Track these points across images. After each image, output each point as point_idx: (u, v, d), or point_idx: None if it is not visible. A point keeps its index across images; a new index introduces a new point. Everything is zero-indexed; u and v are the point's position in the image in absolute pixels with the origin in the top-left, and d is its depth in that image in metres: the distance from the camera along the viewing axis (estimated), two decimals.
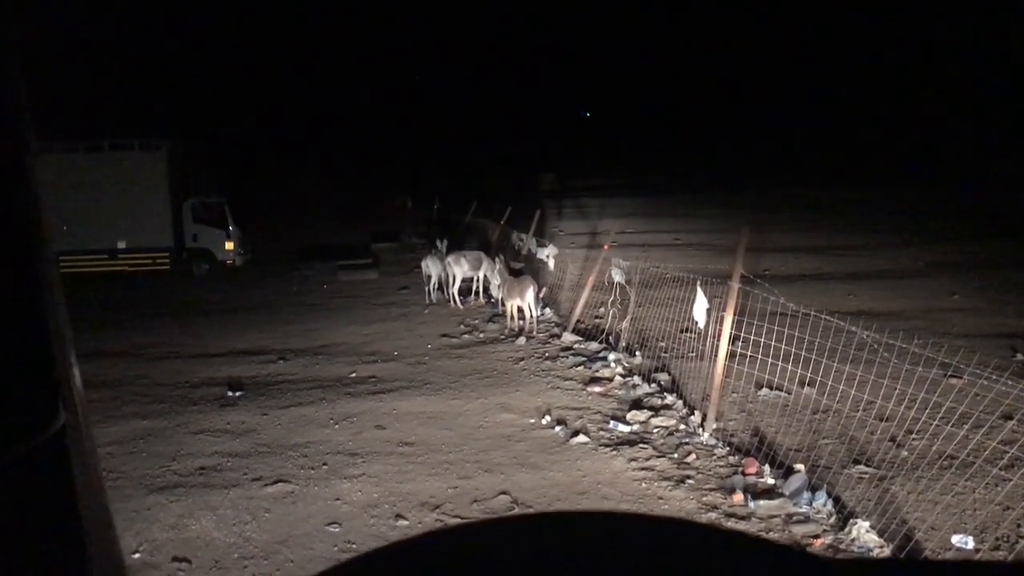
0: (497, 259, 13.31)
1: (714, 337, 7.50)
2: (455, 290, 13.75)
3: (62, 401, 0.66)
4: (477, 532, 0.85)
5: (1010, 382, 5.07)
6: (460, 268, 13.72)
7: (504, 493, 6.14)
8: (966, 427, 5.43)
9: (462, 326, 12.20)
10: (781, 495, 5.85)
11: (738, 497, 5.86)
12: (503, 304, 12.01)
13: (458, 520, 5.67)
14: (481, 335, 11.60)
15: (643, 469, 6.52)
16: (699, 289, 7.98)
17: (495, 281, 13.16)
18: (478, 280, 14.03)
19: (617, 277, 10.51)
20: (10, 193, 0.65)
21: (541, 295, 12.71)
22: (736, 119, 74.58)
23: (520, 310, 11.56)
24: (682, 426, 7.43)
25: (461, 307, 13.59)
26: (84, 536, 0.67)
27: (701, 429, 7.21)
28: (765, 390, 7.94)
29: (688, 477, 6.33)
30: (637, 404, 8.08)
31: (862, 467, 6.23)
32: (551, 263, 13.80)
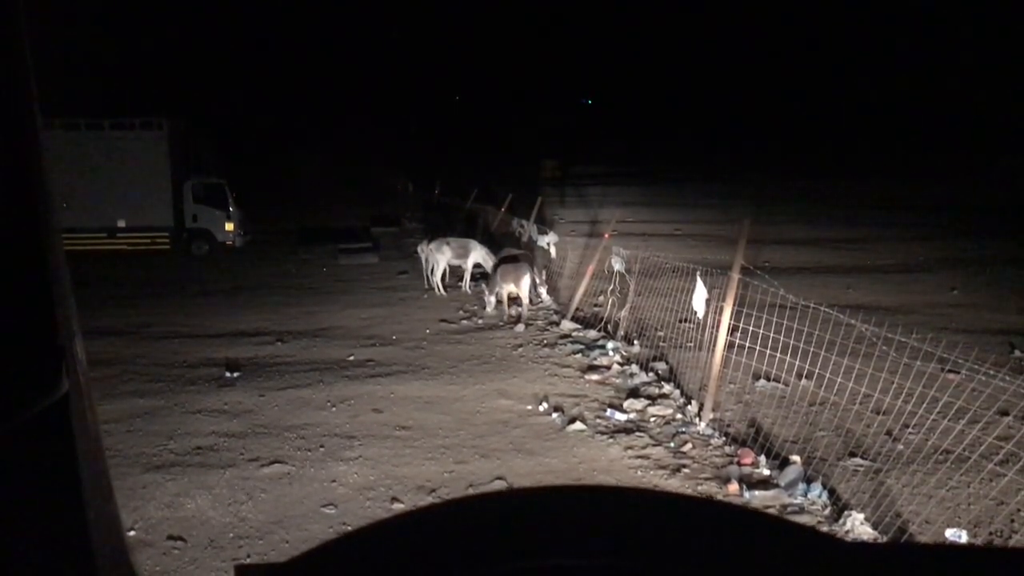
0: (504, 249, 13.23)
1: (713, 327, 7.50)
2: (437, 278, 13.67)
3: (65, 369, 0.66)
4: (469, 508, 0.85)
5: (1007, 378, 5.08)
6: (443, 255, 13.63)
7: (500, 478, 6.16)
8: (962, 422, 5.44)
9: (461, 312, 12.20)
10: (776, 486, 5.87)
11: (733, 487, 5.88)
12: (491, 292, 11.94)
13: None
14: (480, 321, 11.60)
15: (639, 457, 6.54)
16: (699, 279, 7.98)
17: (488, 268, 13.12)
18: (466, 268, 13.89)
19: (617, 266, 10.50)
20: (19, 164, 0.65)
21: (542, 281, 12.69)
22: (739, 110, 74.38)
23: (515, 297, 11.54)
24: (679, 415, 7.44)
25: (445, 294, 13.53)
26: (85, 503, 0.67)
27: (698, 419, 7.23)
28: (763, 381, 7.96)
29: (684, 466, 6.34)
30: (634, 393, 8.09)
31: (858, 460, 6.25)
32: (552, 250, 13.79)
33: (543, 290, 12.65)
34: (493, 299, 11.84)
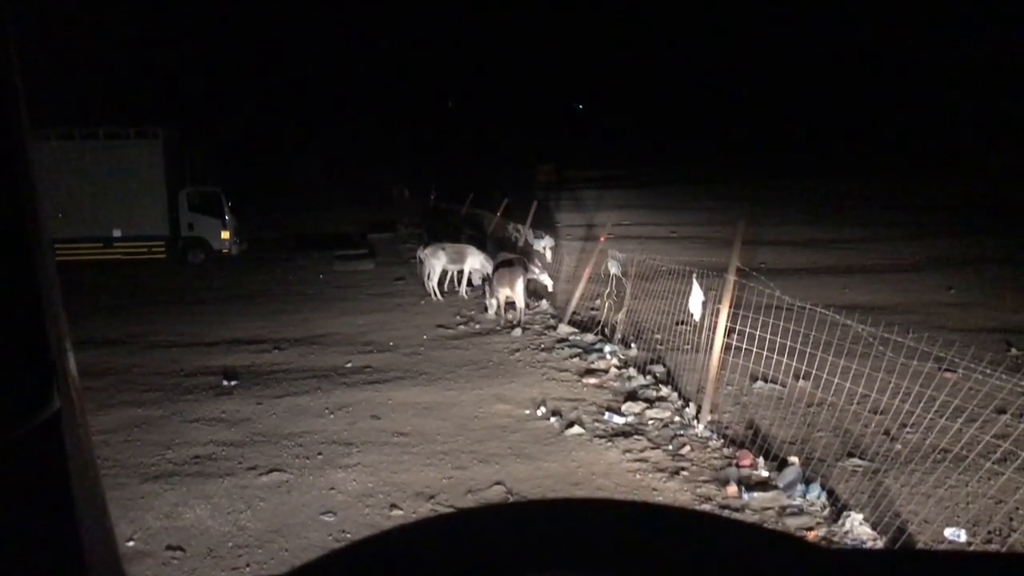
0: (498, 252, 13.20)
1: (709, 330, 7.51)
2: (434, 283, 13.66)
3: (56, 386, 0.66)
4: (470, 519, 0.85)
5: (1004, 376, 5.08)
6: (438, 261, 13.63)
7: (499, 484, 6.15)
8: (960, 421, 5.44)
9: (458, 317, 12.19)
10: (775, 487, 5.87)
11: (732, 489, 5.88)
12: (491, 295, 11.96)
13: (452, 510, 5.68)
14: (477, 326, 11.60)
15: (638, 460, 6.53)
16: (695, 282, 7.98)
17: (488, 273, 13.11)
18: (463, 273, 13.88)
19: (613, 269, 10.51)
20: (7, 178, 0.65)
21: (542, 269, 12.66)
22: (734, 112, 74.50)
23: (511, 301, 11.55)
24: (677, 418, 7.44)
25: (441, 299, 13.52)
26: (78, 523, 0.66)
27: (696, 421, 7.23)
28: (760, 383, 7.96)
29: (682, 469, 6.34)
30: (632, 396, 8.09)
31: (856, 460, 6.25)
32: (548, 255, 13.78)
33: (548, 282, 12.55)
34: (494, 302, 11.86)
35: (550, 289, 12.71)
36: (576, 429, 7.19)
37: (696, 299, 7.90)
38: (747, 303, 7.28)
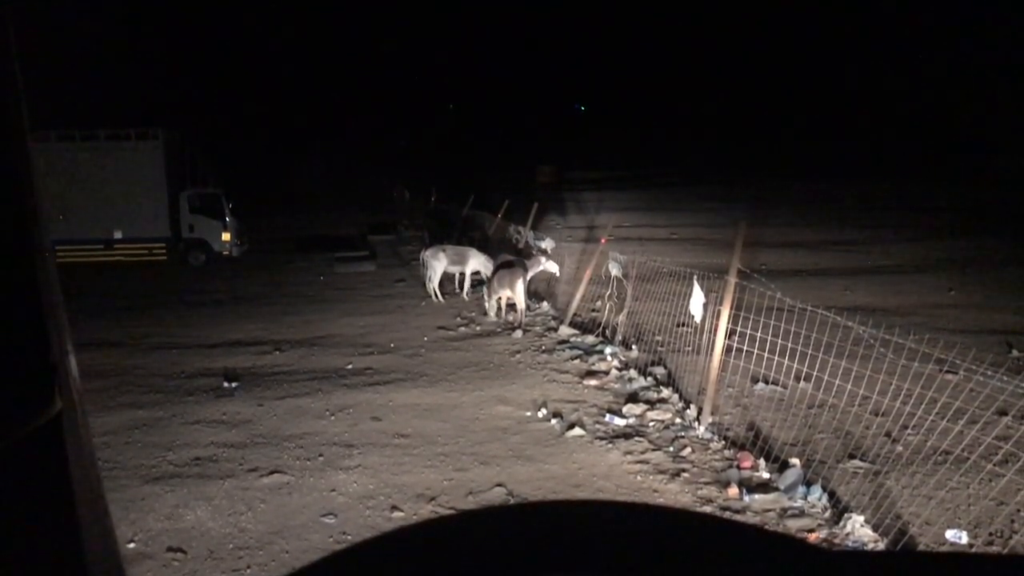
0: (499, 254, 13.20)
1: (710, 331, 7.50)
2: (434, 285, 13.66)
3: (58, 388, 0.66)
4: (472, 521, 0.85)
5: (1005, 378, 5.08)
6: (439, 262, 13.62)
7: (500, 485, 6.15)
8: (961, 423, 5.44)
9: (459, 318, 12.19)
10: (776, 489, 5.86)
11: (733, 491, 5.88)
12: (489, 297, 11.97)
13: (453, 511, 5.67)
14: (478, 328, 11.60)
15: (639, 462, 6.53)
16: (696, 283, 7.98)
17: (487, 275, 13.12)
18: (464, 274, 13.87)
19: (614, 271, 10.50)
20: (7, 181, 0.65)
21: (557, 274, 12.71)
22: (734, 113, 74.53)
23: (511, 303, 11.54)
24: (678, 420, 7.44)
25: (443, 301, 13.51)
26: (79, 524, 0.66)
27: (697, 423, 7.22)
28: (761, 384, 7.96)
29: (683, 470, 6.34)
30: (633, 397, 8.09)
31: (857, 462, 6.25)
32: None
33: (555, 268, 12.57)
34: (494, 303, 11.87)
35: (557, 275, 12.78)
36: (577, 431, 7.19)
37: (697, 301, 7.90)
38: (748, 305, 7.27)
